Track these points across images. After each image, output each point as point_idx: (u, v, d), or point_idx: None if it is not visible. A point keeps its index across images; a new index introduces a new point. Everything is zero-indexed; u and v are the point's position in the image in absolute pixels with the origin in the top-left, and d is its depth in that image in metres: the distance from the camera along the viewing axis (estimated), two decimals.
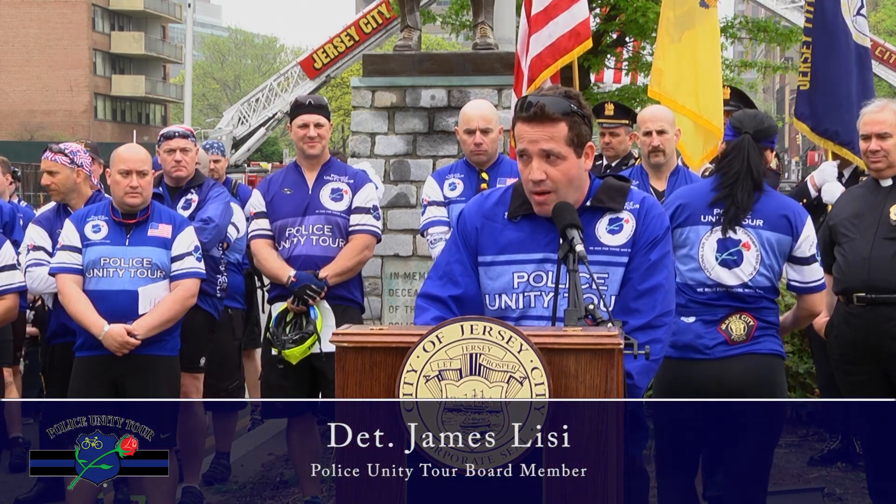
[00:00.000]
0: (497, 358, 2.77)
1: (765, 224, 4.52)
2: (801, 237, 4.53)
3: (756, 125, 4.63)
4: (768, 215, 4.52)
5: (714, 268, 4.53)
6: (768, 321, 4.51)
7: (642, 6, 18.68)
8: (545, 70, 7.78)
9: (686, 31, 7.83)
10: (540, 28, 7.78)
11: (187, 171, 6.47)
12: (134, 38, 68.74)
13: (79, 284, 5.40)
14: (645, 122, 6.02)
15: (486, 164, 6.30)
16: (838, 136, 7.15)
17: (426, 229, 6.31)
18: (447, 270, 3.37)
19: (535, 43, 7.84)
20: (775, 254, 4.52)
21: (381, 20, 30.44)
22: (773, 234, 4.51)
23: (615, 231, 3.28)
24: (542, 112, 3.15)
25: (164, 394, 5.44)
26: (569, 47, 7.81)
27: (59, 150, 6.23)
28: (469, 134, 6.22)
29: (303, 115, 5.98)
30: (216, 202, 6.40)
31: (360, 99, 8.28)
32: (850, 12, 7.36)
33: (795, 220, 4.53)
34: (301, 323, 5.86)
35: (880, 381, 5.30)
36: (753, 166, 4.50)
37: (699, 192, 4.66)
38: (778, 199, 4.62)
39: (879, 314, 5.23)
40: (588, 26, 7.99)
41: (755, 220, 4.51)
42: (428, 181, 6.46)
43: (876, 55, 29.19)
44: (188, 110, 41.27)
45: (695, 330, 4.52)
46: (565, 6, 7.79)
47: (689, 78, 7.71)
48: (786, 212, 4.54)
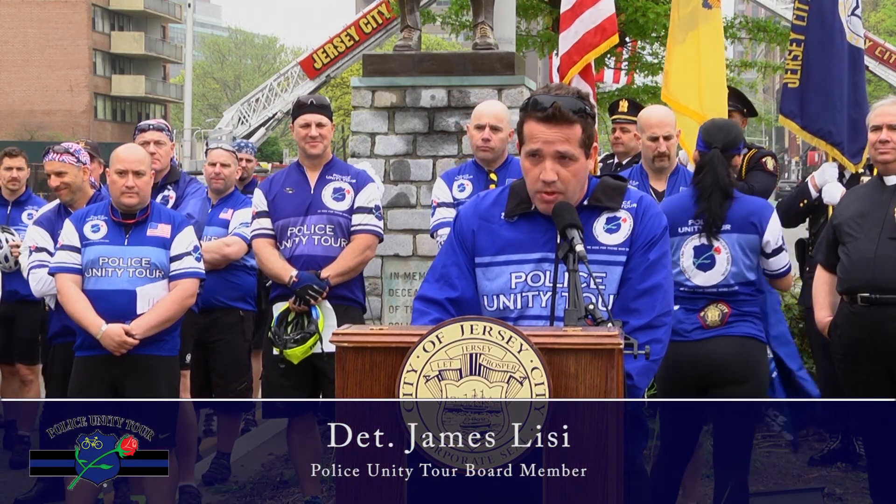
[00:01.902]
0: (497, 358, 2.77)
1: (733, 228, 5.08)
2: (766, 234, 5.07)
3: (724, 138, 5.22)
4: (736, 220, 5.08)
5: (692, 271, 5.10)
6: (743, 310, 5.03)
7: (642, 6, 18.67)
8: (573, 67, 7.83)
9: (690, 32, 7.83)
10: (567, 26, 7.85)
11: (161, 164, 6.48)
12: (134, 38, 68.76)
13: (78, 284, 5.40)
14: (651, 126, 5.97)
15: (493, 164, 6.28)
16: (831, 136, 7.13)
17: (436, 230, 6.30)
18: (444, 273, 3.36)
19: (563, 41, 7.92)
20: (746, 252, 5.07)
21: (381, 20, 30.46)
22: (742, 235, 5.07)
23: (613, 230, 3.28)
24: (559, 113, 3.14)
25: (163, 394, 5.44)
26: (595, 43, 7.88)
27: (65, 149, 6.24)
28: (479, 129, 6.21)
29: (305, 114, 5.98)
30: (195, 198, 6.42)
31: (360, 99, 8.28)
32: (846, 12, 7.34)
33: (760, 221, 5.08)
34: (303, 323, 5.86)
35: (884, 380, 5.29)
36: (721, 179, 5.10)
37: (676, 205, 5.20)
38: (745, 204, 5.15)
39: (884, 314, 5.22)
40: (614, 22, 8.04)
41: (725, 225, 5.08)
42: (437, 182, 6.46)
43: (876, 55, 29.21)
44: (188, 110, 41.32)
45: (677, 316, 5.01)
46: (591, 3, 7.84)
47: (692, 79, 7.71)
48: (751, 216, 5.09)
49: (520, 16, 18.23)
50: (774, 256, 5.13)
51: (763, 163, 7.63)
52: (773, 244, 5.10)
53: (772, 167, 7.67)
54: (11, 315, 7.46)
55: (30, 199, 7.82)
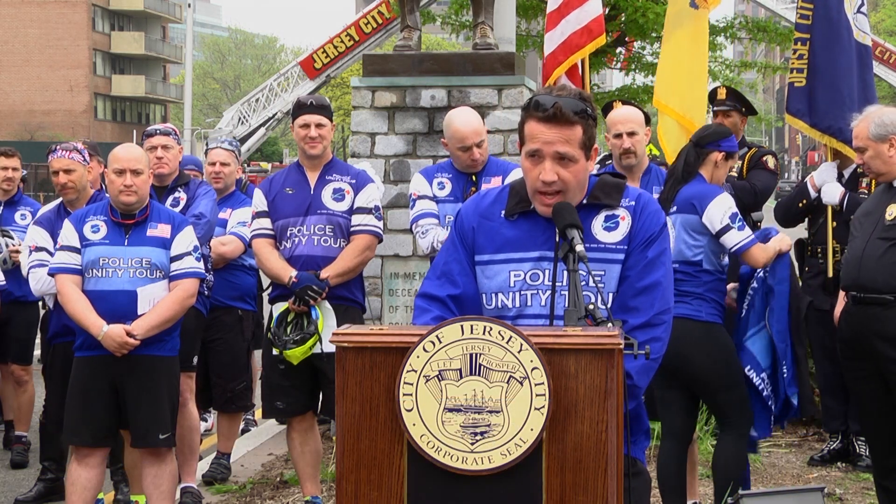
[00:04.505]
0: (497, 358, 2.77)
1: (678, 209, 5.45)
2: (704, 215, 5.36)
3: (698, 134, 5.68)
4: (680, 202, 5.45)
5: None
6: (680, 289, 5.18)
7: (642, 6, 18.70)
8: (558, 67, 7.82)
9: (675, 31, 7.83)
10: (553, 27, 7.85)
11: (169, 168, 6.47)
12: (134, 38, 68.79)
13: (78, 284, 5.39)
14: (615, 123, 6.06)
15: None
16: (842, 133, 7.08)
17: (415, 222, 6.26)
18: (445, 270, 3.36)
19: (549, 41, 7.91)
20: (688, 232, 5.39)
21: (381, 20, 30.45)
22: (683, 216, 5.42)
23: (611, 228, 3.28)
24: (560, 114, 3.14)
25: (163, 394, 5.44)
26: (581, 44, 7.86)
27: (72, 147, 6.25)
28: (465, 151, 6.11)
29: (304, 115, 5.97)
30: (206, 199, 6.42)
31: (360, 99, 8.28)
32: (852, 9, 7.32)
33: (700, 202, 5.39)
34: (302, 323, 5.86)
35: (877, 377, 5.32)
36: (678, 166, 5.55)
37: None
38: (692, 188, 5.48)
39: (869, 313, 5.26)
40: (601, 23, 8.02)
41: (672, 206, 5.46)
42: (416, 177, 6.41)
43: (876, 55, 29.16)
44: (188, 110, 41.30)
45: None
46: (577, 3, 7.83)
47: (673, 77, 7.70)
48: (692, 198, 5.42)
49: (520, 16, 18.24)
50: (723, 235, 5.35)
51: (764, 161, 7.64)
52: (718, 224, 5.34)
53: (773, 166, 7.68)
54: (7, 315, 7.47)
55: (22, 199, 7.85)
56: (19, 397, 7.87)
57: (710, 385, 5.42)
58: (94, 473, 5.47)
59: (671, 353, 5.15)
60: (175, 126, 8.41)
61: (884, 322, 5.20)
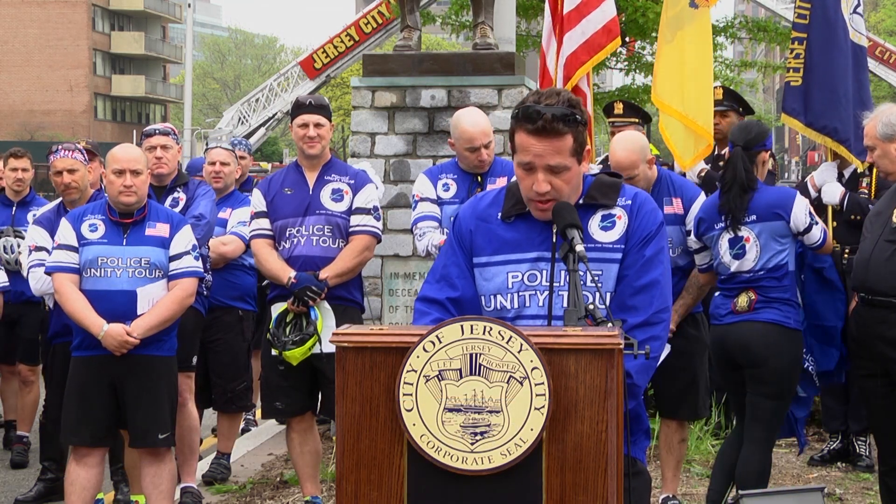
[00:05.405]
0: (497, 358, 2.77)
1: (758, 219, 5.51)
2: (791, 220, 5.49)
3: (745, 137, 5.67)
4: (759, 210, 5.52)
5: (729, 261, 5.58)
6: (769, 296, 5.48)
7: (642, 6, 18.67)
8: (581, 67, 7.81)
9: (677, 32, 7.83)
10: (573, 26, 7.83)
11: (169, 169, 6.47)
12: (134, 38, 68.77)
13: (75, 283, 5.37)
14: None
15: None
16: (837, 133, 7.08)
17: (416, 224, 6.26)
18: (444, 273, 3.36)
19: (569, 41, 7.87)
20: (775, 239, 5.50)
21: (381, 20, 30.42)
22: (766, 224, 5.50)
23: (608, 227, 3.28)
24: (549, 126, 3.12)
25: (161, 394, 5.43)
26: (603, 43, 7.88)
27: (75, 147, 6.25)
28: (472, 151, 6.13)
29: (303, 114, 5.97)
30: (205, 199, 6.41)
31: (360, 99, 8.28)
32: (848, 10, 7.32)
33: (784, 209, 5.49)
34: (301, 324, 5.85)
35: (885, 376, 5.31)
36: (739, 174, 5.53)
37: (710, 206, 5.69)
38: (767, 194, 5.57)
39: (874, 315, 5.25)
40: (617, 23, 8.06)
41: (750, 216, 5.52)
42: (420, 178, 6.41)
43: (876, 55, 29.16)
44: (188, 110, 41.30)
45: (716, 302, 5.70)
46: (596, 4, 7.83)
47: (677, 79, 7.70)
48: (774, 206, 5.51)
49: (520, 16, 18.23)
50: (807, 233, 5.52)
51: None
52: (803, 224, 5.49)
53: (771, 166, 7.67)
54: (17, 315, 7.49)
55: (34, 199, 7.84)
56: (24, 397, 7.87)
57: (771, 388, 5.50)
58: (93, 473, 5.46)
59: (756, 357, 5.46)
60: (175, 126, 8.40)
61: (888, 325, 5.19)
